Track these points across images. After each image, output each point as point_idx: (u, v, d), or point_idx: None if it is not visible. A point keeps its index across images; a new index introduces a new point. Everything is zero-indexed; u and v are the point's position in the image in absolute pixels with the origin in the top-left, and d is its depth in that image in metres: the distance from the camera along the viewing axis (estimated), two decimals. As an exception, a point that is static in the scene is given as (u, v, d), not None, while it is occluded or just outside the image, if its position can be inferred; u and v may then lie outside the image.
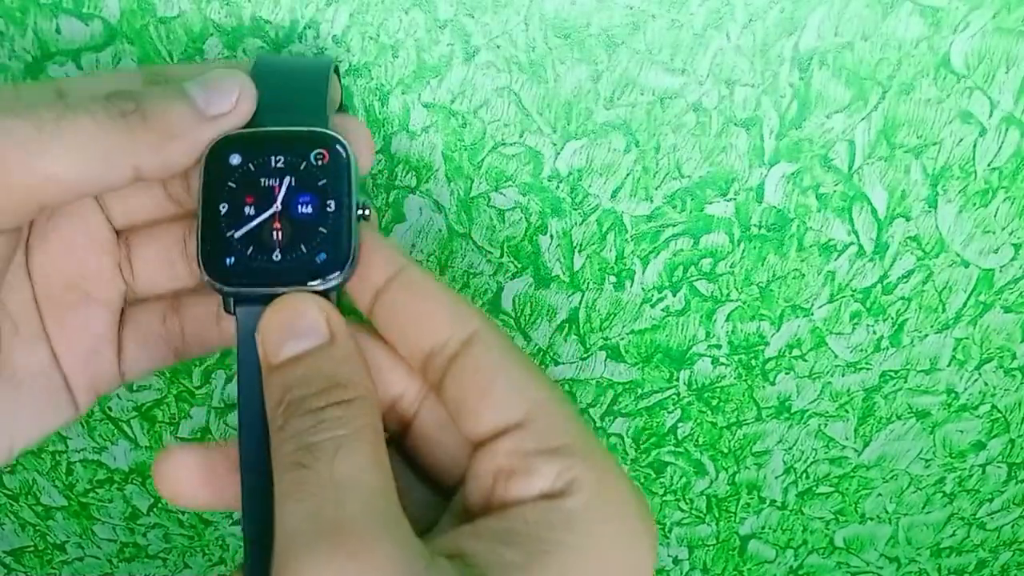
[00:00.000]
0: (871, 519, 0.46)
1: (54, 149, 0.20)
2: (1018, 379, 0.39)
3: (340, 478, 0.19)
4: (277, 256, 0.22)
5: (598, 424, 0.40)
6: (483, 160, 0.31)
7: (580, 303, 0.35)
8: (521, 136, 0.30)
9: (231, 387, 0.39)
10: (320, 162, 0.23)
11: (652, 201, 0.32)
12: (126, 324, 0.25)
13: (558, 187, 0.32)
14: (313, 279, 0.22)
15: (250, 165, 0.23)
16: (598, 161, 0.31)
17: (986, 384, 0.39)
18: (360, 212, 0.23)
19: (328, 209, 0.23)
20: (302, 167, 0.23)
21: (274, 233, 0.23)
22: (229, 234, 0.22)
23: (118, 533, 0.47)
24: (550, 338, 0.37)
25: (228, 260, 0.22)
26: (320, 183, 0.23)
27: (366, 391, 0.21)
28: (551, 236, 0.33)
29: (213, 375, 0.38)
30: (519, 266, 0.34)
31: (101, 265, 0.25)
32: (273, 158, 0.23)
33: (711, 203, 0.32)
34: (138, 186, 0.22)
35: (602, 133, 0.30)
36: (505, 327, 0.36)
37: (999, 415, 0.41)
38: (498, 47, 0.28)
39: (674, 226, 0.33)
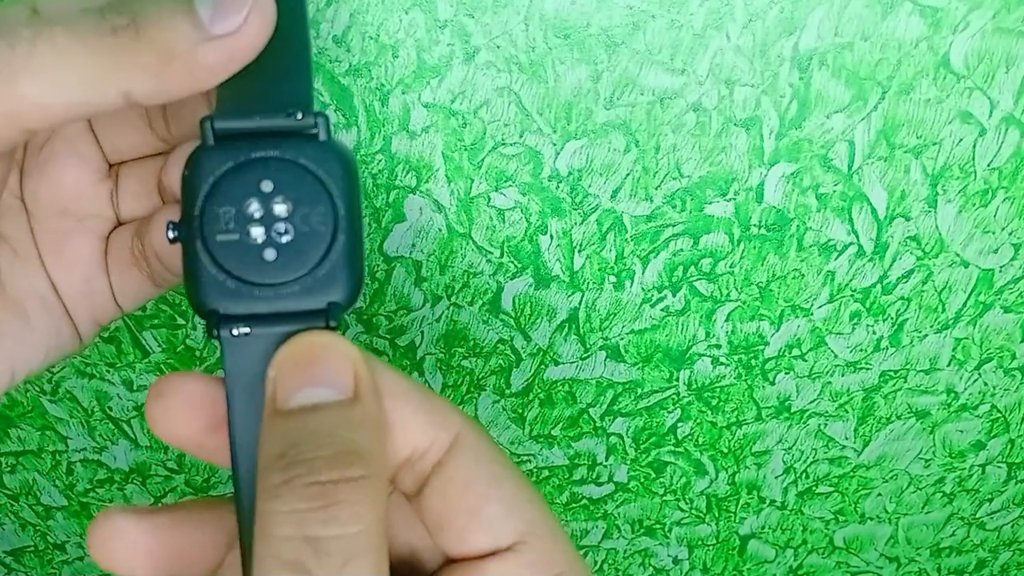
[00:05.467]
0: (871, 519, 0.46)
1: (29, 70, 0.18)
2: (1018, 379, 0.39)
3: None
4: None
5: (598, 424, 0.40)
6: (483, 160, 0.31)
7: (580, 303, 0.35)
8: (521, 136, 0.30)
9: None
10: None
11: (652, 201, 0.32)
12: (109, 251, 0.24)
13: (558, 187, 0.32)
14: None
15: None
16: (598, 161, 0.31)
17: (986, 384, 0.39)
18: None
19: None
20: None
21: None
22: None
23: (118, 533, 0.47)
24: (550, 338, 0.37)
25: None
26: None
27: (381, 470, 0.18)
28: (551, 236, 0.33)
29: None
30: (519, 266, 0.34)
31: (95, 192, 0.24)
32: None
33: (711, 203, 0.32)
34: (125, 122, 0.21)
35: (602, 133, 0.30)
36: (505, 328, 0.36)
37: (999, 415, 0.41)
38: (498, 47, 0.28)
39: (674, 226, 0.33)
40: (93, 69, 0.18)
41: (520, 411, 0.40)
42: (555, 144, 0.31)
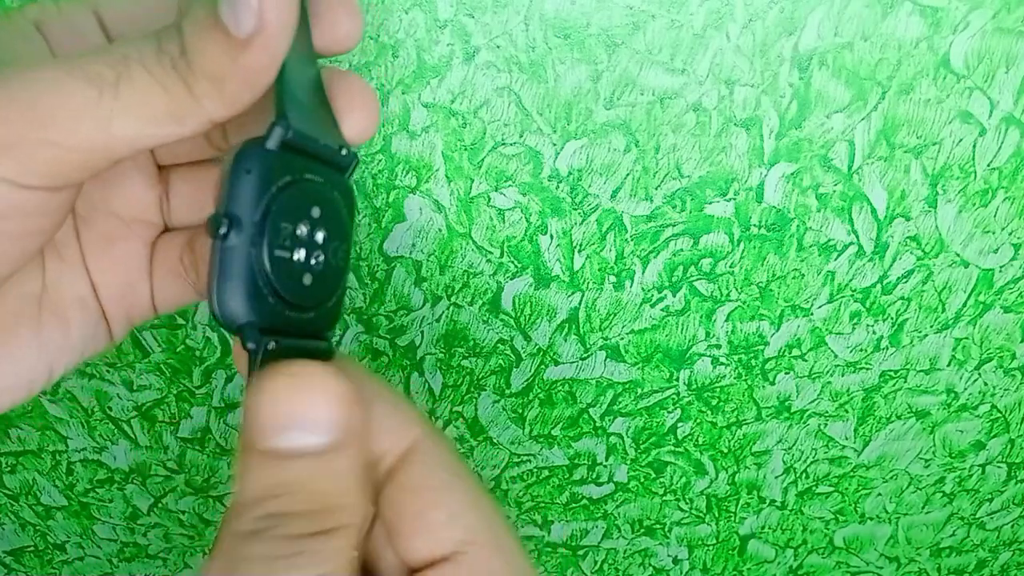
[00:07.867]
0: (871, 519, 0.46)
1: (118, 113, 0.18)
2: (1018, 379, 0.39)
3: None
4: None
5: (598, 424, 0.40)
6: (483, 160, 0.31)
7: (580, 303, 0.35)
8: (521, 136, 0.30)
9: (231, 387, 0.39)
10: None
11: (652, 201, 0.32)
12: (155, 256, 0.25)
13: (558, 187, 0.32)
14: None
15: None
16: (598, 161, 0.31)
17: (986, 384, 0.39)
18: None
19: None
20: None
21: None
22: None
23: (118, 533, 0.47)
24: (550, 338, 0.37)
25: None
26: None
27: (354, 516, 0.18)
28: (551, 236, 0.33)
29: (213, 375, 0.38)
30: (519, 266, 0.34)
31: (144, 197, 0.24)
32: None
33: (711, 203, 0.32)
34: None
35: (602, 133, 0.30)
36: (505, 328, 0.36)
37: (999, 415, 0.41)
38: (498, 47, 0.28)
39: (674, 226, 0.33)
40: (171, 105, 0.18)
41: (520, 411, 0.40)
42: (555, 144, 0.31)
